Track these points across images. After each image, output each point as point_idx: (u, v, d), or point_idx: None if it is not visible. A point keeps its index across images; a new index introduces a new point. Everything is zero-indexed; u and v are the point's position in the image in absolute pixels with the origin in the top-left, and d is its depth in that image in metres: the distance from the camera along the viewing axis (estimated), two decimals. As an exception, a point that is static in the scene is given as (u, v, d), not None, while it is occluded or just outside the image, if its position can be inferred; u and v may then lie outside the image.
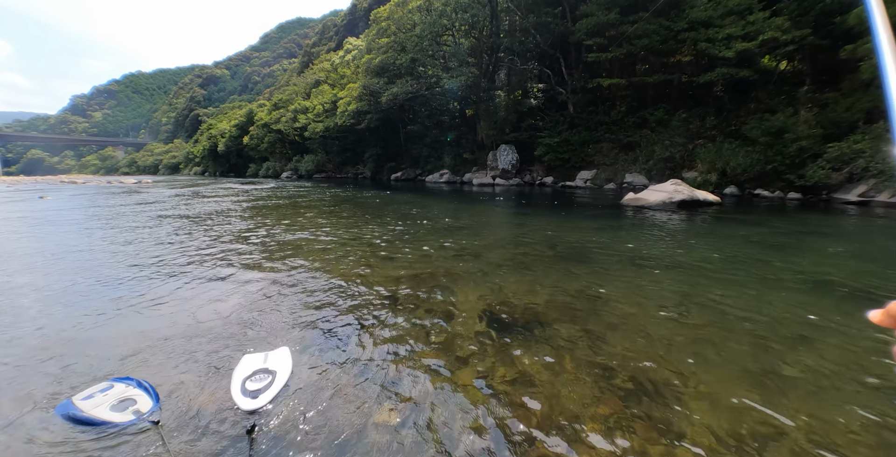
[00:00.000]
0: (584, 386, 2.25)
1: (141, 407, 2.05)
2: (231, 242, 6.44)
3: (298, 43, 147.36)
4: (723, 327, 3.01)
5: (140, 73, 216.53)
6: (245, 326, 3.12)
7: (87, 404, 2.05)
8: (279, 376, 2.21)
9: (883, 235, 7.10)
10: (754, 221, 8.50)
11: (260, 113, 57.86)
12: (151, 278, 4.40)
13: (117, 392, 2.14)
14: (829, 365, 2.44)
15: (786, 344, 2.74)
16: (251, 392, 2.05)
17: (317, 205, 13.03)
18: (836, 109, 13.91)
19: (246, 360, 2.43)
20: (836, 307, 3.38)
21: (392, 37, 30.93)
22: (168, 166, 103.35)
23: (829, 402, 2.09)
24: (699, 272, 4.47)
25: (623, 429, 1.90)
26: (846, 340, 2.76)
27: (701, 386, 2.24)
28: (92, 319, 3.29)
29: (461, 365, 2.49)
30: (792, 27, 14.82)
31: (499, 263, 4.85)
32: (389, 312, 3.37)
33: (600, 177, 20.87)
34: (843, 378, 2.31)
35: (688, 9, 17.27)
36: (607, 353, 2.61)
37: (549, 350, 2.65)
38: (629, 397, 2.14)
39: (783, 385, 2.24)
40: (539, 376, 2.35)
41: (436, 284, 4.05)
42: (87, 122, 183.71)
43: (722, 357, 2.55)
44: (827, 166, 12.90)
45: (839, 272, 4.43)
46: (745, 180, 15.13)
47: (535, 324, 3.08)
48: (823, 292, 3.78)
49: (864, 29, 12.42)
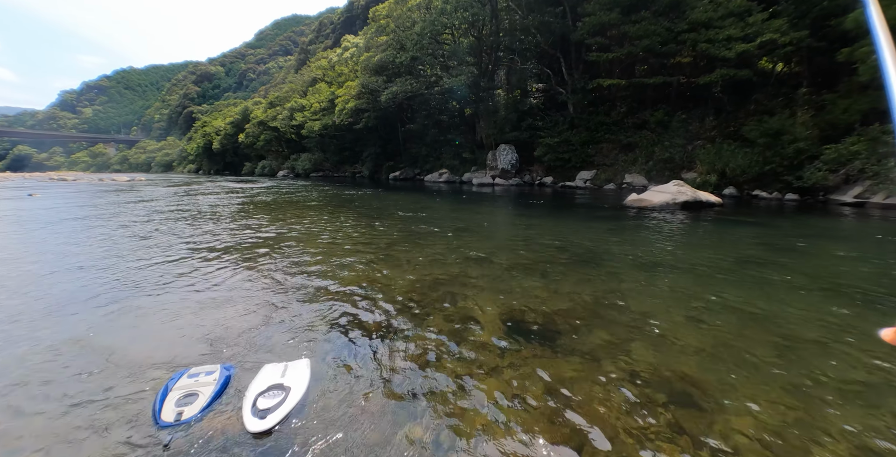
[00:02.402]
0: (617, 397, 2.24)
1: (187, 411, 2.02)
2: (232, 244, 6.36)
3: (294, 40, 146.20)
4: (746, 332, 3.02)
5: (132, 69, 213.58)
6: (256, 336, 3.08)
7: (184, 381, 2.19)
8: (293, 394, 2.12)
9: (883, 237, 7.18)
10: (757, 223, 8.57)
11: (256, 110, 57.42)
12: (156, 284, 4.33)
13: (204, 381, 2.21)
14: (859, 369, 2.46)
15: (812, 349, 2.75)
16: (261, 411, 1.97)
17: (317, 205, 12.95)
18: (833, 111, 14.06)
19: (265, 370, 2.37)
20: (854, 311, 3.40)
21: (391, 35, 30.77)
22: (161, 164, 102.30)
23: (865, 408, 2.09)
24: (713, 275, 4.49)
25: (662, 441, 1.89)
26: (874, 343, 2.78)
27: (734, 393, 2.23)
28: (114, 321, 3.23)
29: (488, 377, 2.47)
30: (790, 29, 14.95)
31: (511, 267, 4.83)
32: (406, 320, 3.34)
33: (600, 177, 20.96)
34: (875, 383, 2.32)
35: (689, 9, 17.36)
36: (635, 361, 2.61)
37: (576, 359, 2.64)
38: (664, 408, 2.13)
39: (817, 392, 2.24)
40: (569, 387, 2.34)
41: (450, 290, 4.02)
42: (76, 118, 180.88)
43: (751, 363, 2.56)
44: (824, 168, 13.05)
45: (849, 275, 4.48)
46: (743, 181, 15.26)
47: (558, 332, 3.06)
48: (838, 295, 3.80)
49: (861, 32, 12.54)
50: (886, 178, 11.56)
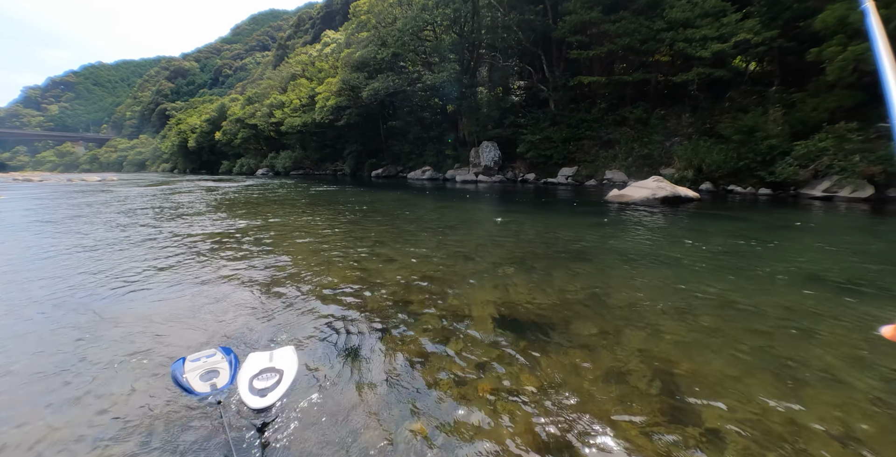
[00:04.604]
0: (608, 387, 2.26)
1: (218, 382, 2.13)
2: (218, 242, 6.17)
3: (272, 35, 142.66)
4: (729, 321, 3.09)
5: (101, 65, 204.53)
6: (245, 328, 2.99)
7: (190, 365, 2.23)
8: (286, 375, 2.19)
9: (849, 229, 7.52)
10: (733, 216, 8.84)
11: (233, 107, 55.92)
12: (141, 281, 4.16)
13: (213, 361, 2.28)
14: (835, 354, 2.55)
15: (792, 336, 2.84)
16: (259, 390, 2.05)
17: (300, 204, 12.70)
18: (803, 109, 14.61)
19: (251, 358, 2.38)
20: (829, 298, 3.53)
21: (372, 31, 30.39)
22: (134, 163, 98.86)
23: (846, 392, 2.17)
24: (694, 267, 4.60)
25: (656, 430, 1.92)
26: (849, 329, 2.88)
27: (720, 380, 2.29)
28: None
29: (478, 370, 2.46)
30: (762, 29, 15.45)
31: (500, 263, 4.84)
32: (396, 315, 3.29)
33: (581, 174, 21.25)
34: (855, 368, 2.40)
35: (667, 8, 17.73)
36: (626, 353, 2.64)
37: (568, 353, 2.66)
38: (656, 397, 2.16)
39: (799, 377, 2.31)
40: (561, 380, 2.34)
41: (440, 287, 4.00)
42: (41, 115, 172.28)
43: (736, 351, 2.62)
44: (795, 163, 13.55)
45: (822, 265, 4.65)
46: (719, 177, 15.72)
47: (548, 326, 3.08)
48: (813, 284, 3.95)
49: (829, 32, 13.07)
50: (852, 173, 12.10)
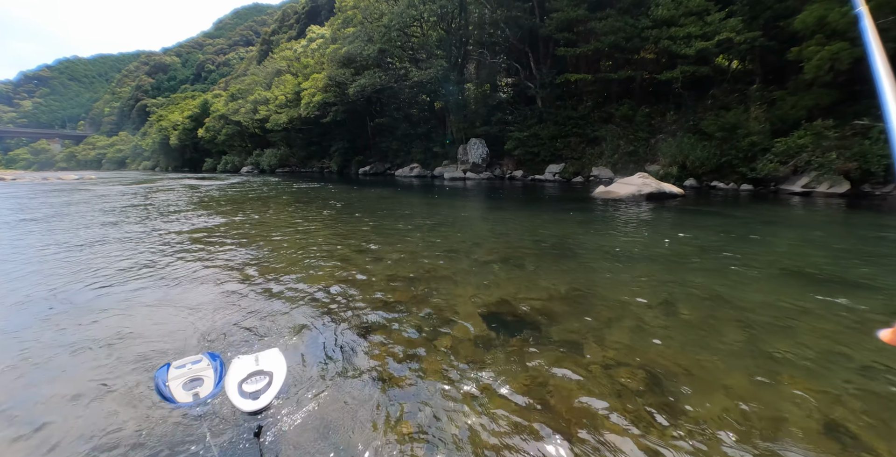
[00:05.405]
0: (598, 381, 2.27)
1: (202, 391, 2.08)
2: (199, 241, 6.02)
3: (256, 30, 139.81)
4: (712, 315, 3.14)
5: (77, 59, 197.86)
6: (230, 330, 2.92)
7: (175, 372, 2.18)
8: (276, 377, 2.14)
9: (827, 224, 7.73)
10: (716, 212, 9.00)
11: (216, 103, 54.74)
12: (123, 282, 4.02)
13: (197, 368, 2.23)
14: (815, 346, 2.60)
15: (772, 328, 2.89)
16: (251, 394, 1.99)
17: (286, 202, 12.51)
18: (783, 107, 14.95)
19: (237, 363, 2.30)
20: (807, 291, 3.61)
21: (359, 26, 29.99)
22: (113, 161, 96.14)
23: (825, 380, 2.21)
24: (678, 262, 4.66)
25: (645, 422, 1.92)
26: (826, 321, 2.95)
27: (707, 372, 2.32)
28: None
29: (467, 368, 2.44)
30: (744, 28, 15.74)
31: (488, 261, 4.82)
32: (382, 314, 3.25)
33: (568, 170, 21.40)
34: (833, 357, 2.45)
35: (653, 6, 17.92)
36: (614, 348, 2.64)
37: (556, 349, 2.65)
38: (644, 391, 2.17)
39: (780, 367, 2.35)
40: (551, 375, 2.34)
41: (428, 285, 3.96)
42: (13, 111, 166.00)
43: (719, 344, 2.65)
44: (775, 160, 13.88)
45: (802, 259, 4.76)
46: (703, 173, 16.01)
47: (536, 323, 3.07)
48: (793, 278, 4.03)
49: (809, 32, 13.38)
50: (829, 169, 12.45)
